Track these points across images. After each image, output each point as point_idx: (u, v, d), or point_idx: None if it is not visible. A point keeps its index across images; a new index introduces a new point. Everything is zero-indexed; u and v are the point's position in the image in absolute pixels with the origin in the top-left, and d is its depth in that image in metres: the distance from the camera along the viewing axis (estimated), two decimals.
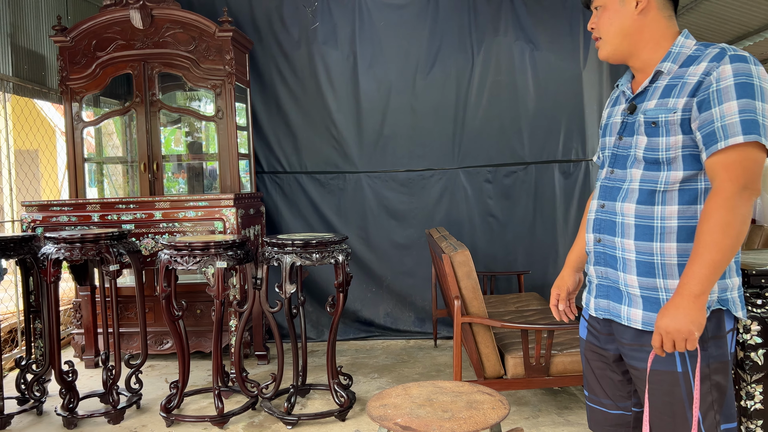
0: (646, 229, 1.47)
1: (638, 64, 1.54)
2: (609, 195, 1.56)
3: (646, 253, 1.47)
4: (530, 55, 4.82)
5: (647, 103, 1.48)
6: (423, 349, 4.63)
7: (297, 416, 3.19)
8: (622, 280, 1.52)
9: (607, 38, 1.54)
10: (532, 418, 3.23)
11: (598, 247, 1.59)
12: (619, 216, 1.52)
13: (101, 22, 4.32)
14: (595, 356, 1.67)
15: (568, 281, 1.84)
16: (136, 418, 3.35)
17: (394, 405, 1.98)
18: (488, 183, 4.92)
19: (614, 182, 1.56)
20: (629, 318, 1.51)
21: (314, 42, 4.87)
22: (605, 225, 1.56)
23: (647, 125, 1.46)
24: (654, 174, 1.46)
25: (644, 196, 1.47)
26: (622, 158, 1.55)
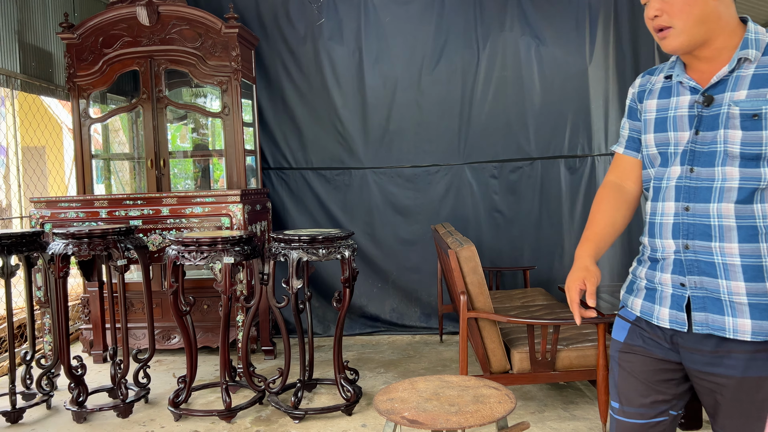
0: (750, 230, 1.34)
1: (708, 53, 1.39)
2: (694, 196, 1.40)
3: (753, 256, 1.34)
4: (536, 50, 4.81)
5: (733, 94, 1.35)
6: (429, 345, 4.65)
7: (304, 410, 3.21)
8: (724, 289, 1.37)
9: (685, 26, 1.36)
10: (537, 412, 3.24)
11: (688, 254, 1.41)
12: (714, 219, 1.37)
13: (108, 19, 4.34)
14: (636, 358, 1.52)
15: (596, 271, 1.59)
16: (145, 412, 3.38)
17: (401, 399, 1.99)
18: (494, 178, 4.92)
19: (699, 182, 1.39)
20: (736, 330, 1.35)
21: (320, 38, 4.88)
22: (695, 230, 1.40)
23: (745, 118, 1.32)
24: (755, 171, 1.33)
25: (744, 195, 1.34)
26: (703, 155, 1.39)
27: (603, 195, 1.66)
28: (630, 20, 4.82)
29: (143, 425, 3.21)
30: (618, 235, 1.66)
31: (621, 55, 4.84)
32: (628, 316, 1.57)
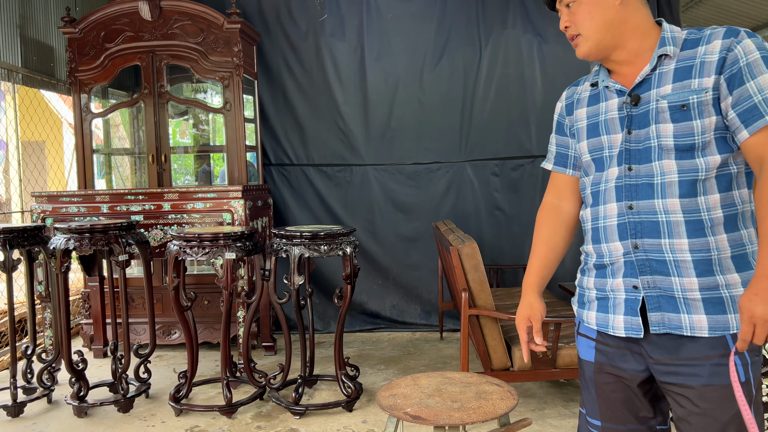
0: (697, 224, 1.33)
1: (624, 56, 1.43)
2: (636, 194, 1.39)
3: (702, 250, 1.33)
4: (538, 47, 4.81)
5: (659, 90, 1.37)
6: (429, 342, 4.65)
7: (304, 406, 3.22)
8: (677, 286, 1.35)
9: (589, 33, 1.42)
10: (538, 410, 3.24)
11: (638, 254, 1.39)
12: (661, 215, 1.36)
13: (110, 13, 4.33)
14: (611, 379, 1.48)
15: (539, 308, 1.63)
16: (146, 407, 3.38)
17: (404, 395, 1.99)
18: (495, 176, 4.92)
19: (638, 179, 1.39)
20: (693, 326, 1.34)
21: (322, 34, 4.87)
22: (642, 228, 1.38)
23: (674, 110, 1.34)
24: (691, 162, 1.34)
25: (686, 188, 1.34)
26: (639, 152, 1.40)
27: (541, 219, 1.69)
28: None
29: (144, 420, 3.22)
30: (560, 257, 1.68)
31: None
32: (589, 333, 1.53)
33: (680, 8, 4.94)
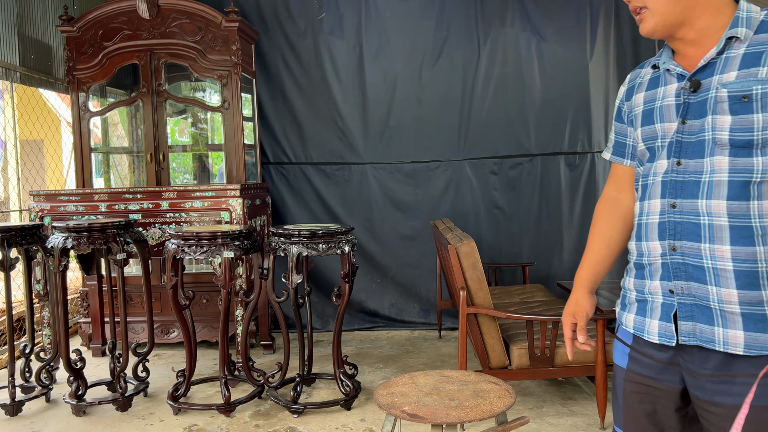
0: (744, 230, 1.19)
1: (691, 35, 1.28)
2: (681, 191, 1.26)
3: (747, 260, 1.19)
4: (537, 46, 4.81)
5: (722, 76, 1.23)
6: (427, 340, 4.65)
7: (303, 405, 3.22)
8: (714, 296, 1.22)
9: (656, 6, 1.26)
10: (536, 408, 3.25)
11: (674, 257, 1.28)
12: (703, 217, 1.23)
13: (108, 12, 4.32)
14: (640, 389, 1.38)
15: (586, 305, 1.53)
16: (144, 406, 3.38)
17: (402, 393, 2.00)
18: (494, 175, 4.92)
19: (685, 175, 1.26)
20: (726, 342, 1.21)
21: (320, 33, 4.87)
22: (683, 229, 1.26)
23: (734, 100, 1.20)
24: (746, 161, 1.19)
25: (736, 190, 1.20)
26: (691, 145, 1.26)
27: (597, 213, 1.58)
28: (631, 17, 4.78)
29: (142, 419, 3.22)
30: (617, 254, 1.56)
31: (622, 52, 4.83)
32: (626, 338, 1.43)
33: None
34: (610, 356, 3.00)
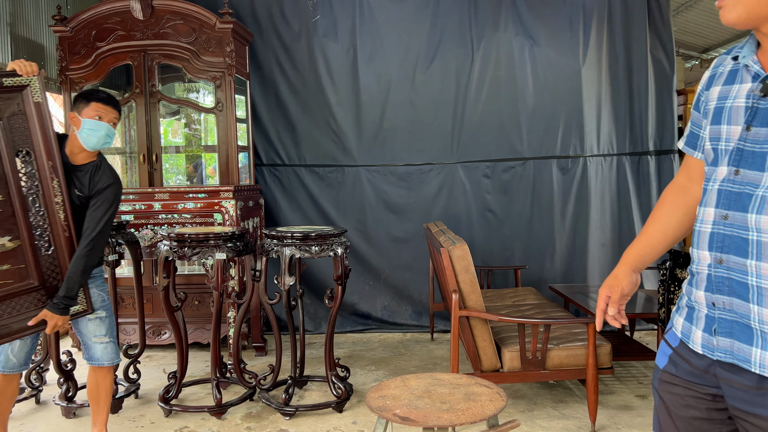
0: None
1: None
2: (735, 203, 1.19)
3: None
4: (530, 50, 4.83)
5: None
6: (420, 343, 4.66)
7: (294, 407, 3.22)
8: (755, 315, 1.16)
9: None
10: (527, 411, 3.26)
11: (719, 270, 1.22)
12: (752, 232, 1.16)
13: (101, 12, 4.31)
14: (676, 389, 1.33)
15: (624, 281, 1.47)
16: (135, 408, 3.37)
17: (393, 396, 2.00)
18: (486, 178, 4.94)
19: (742, 186, 1.18)
20: (763, 364, 1.15)
21: (314, 35, 4.87)
22: (731, 242, 1.19)
23: None
24: None
25: None
26: (752, 155, 1.17)
27: (663, 197, 1.50)
28: (623, 22, 4.84)
29: (133, 421, 3.20)
30: (672, 241, 1.49)
31: (614, 57, 4.87)
32: (672, 340, 1.37)
33: (671, 12, 4.98)
34: (601, 359, 3.02)
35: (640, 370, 3.90)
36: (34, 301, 2.44)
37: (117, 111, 2.63)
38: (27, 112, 2.39)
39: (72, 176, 2.54)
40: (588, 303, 3.70)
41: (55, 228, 2.44)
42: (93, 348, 2.68)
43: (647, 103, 4.87)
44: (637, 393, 3.50)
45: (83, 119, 2.54)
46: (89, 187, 2.56)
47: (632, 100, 4.89)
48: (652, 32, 4.86)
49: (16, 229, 2.38)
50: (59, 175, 2.43)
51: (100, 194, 2.55)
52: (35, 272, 2.43)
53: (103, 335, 2.68)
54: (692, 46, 7.40)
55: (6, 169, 2.35)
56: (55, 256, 2.46)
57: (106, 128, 2.57)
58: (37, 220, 2.41)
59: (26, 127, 2.38)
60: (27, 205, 2.39)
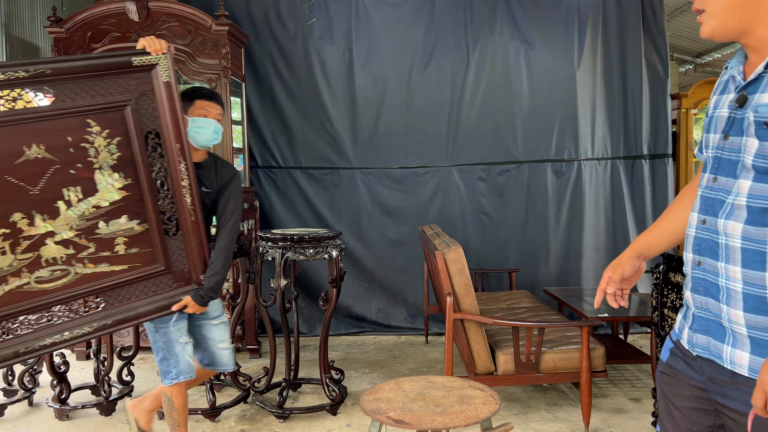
0: (756, 255, 1.17)
1: (753, 43, 1.21)
2: (710, 208, 1.25)
3: (756, 285, 1.17)
4: (525, 54, 4.85)
5: (761, 96, 1.16)
6: (414, 345, 4.66)
7: (289, 410, 3.21)
8: (725, 315, 1.22)
9: (713, 11, 1.21)
10: (521, 414, 3.26)
11: (697, 271, 1.29)
12: (722, 236, 1.22)
13: (97, 13, 4.30)
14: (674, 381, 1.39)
15: (626, 264, 1.49)
16: None
17: (387, 399, 2.00)
18: (481, 181, 4.95)
19: (717, 193, 1.25)
20: (733, 361, 1.22)
21: (310, 37, 4.88)
22: (706, 245, 1.26)
23: (758, 126, 1.15)
24: (766, 187, 1.16)
25: (754, 215, 1.17)
26: (727, 163, 1.23)
27: (680, 194, 1.53)
28: (618, 26, 4.87)
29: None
30: (680, 236, 1.50)
31: (608, 61, 4.89)
32: (674, 335, 1.43)
33: (665, 16, 5.01)
34: (595, 363, 3.03)
35: (634, 373, 3.91)
36: (161, 285, 2.40)
37: (221, 106, 2.61)
38: (156, 92, 2.33)
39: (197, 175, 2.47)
40: (582, 306, 3.71)
41: (181, 212, 2.38)
42: (217, 354, 2.63)
43: (641, 107, 4.89)
44: (631, 396, 3.51)
45: (189, 118, 2.51)
46: (216, 182, 2.56)
47: (626, 104, 4.92)
48: (647, 36, 4.89)
49: (145, 212, 2.34)
50: (187, 158, 2.36)
51: (228, 185, 2.56)
52: (162, 256, 2.39)
53: (227, 340, 2.65)
54: (686, 50, 7.44)
55: (135, 151, 2.30)
56: (182, 240, 2.41)
57: (213, 124, 2.55)
58: (164, 204, 2.36)
59: (155, 108, 2.33)
60: (155, 188, 2.35)
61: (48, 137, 2.20)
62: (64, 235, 2.25)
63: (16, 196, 2.17)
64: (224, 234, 2.50)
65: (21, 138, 2.16)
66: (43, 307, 2.24)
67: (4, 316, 2.19)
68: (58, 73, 2.18)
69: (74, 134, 2.23)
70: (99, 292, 2.31)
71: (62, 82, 2.20)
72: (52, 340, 2.24)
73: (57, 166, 2.22)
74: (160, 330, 2.49)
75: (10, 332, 2.20)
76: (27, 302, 2.22)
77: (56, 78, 2.18)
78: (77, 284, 2.28)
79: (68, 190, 2.25)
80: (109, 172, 2.29)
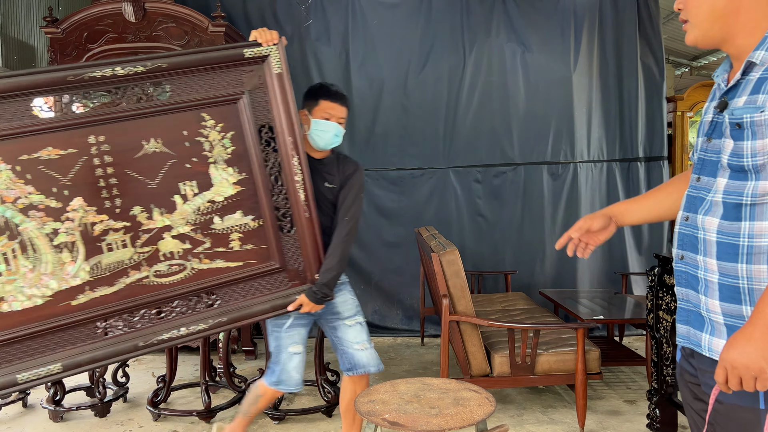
0: (729, 247, 1.25)
1: (733, 51, 1.29)
2: (692, 206, 1.35)
3: (730, 275, 1.25)
4: (521, 56, 4.86)
5: (737, 100, 1.25)
6: (410, 347, 4.66)
7: (284, 411, 3.21)
8: (703, 305, 1.31)
9: (696, 21, 1.29)
10: (516, 416, 3.27)
11: (680, 265, 1.37)
12: (701, 231, 1.31)
13: (93, 14, 4.29)
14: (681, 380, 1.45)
15: (597, 218, 1.58)
16: (123, 412, 3.35)
17: (382, 401, 2.00)
18: (477, 183, 4.96)
19: (699, 191, 1.33)
20: (710, 348, 1.29)
21: (307, 39, 4.88)
22: (688, 240, 1.35)
23: (732, 127, 1.24)
24: (739, 184, 1.24)
25: (729, 211, 1.25)
26: (709, 164, 1.32)
27: (673, 179, 1.61)
28: (614, 29, 4.88)
29: (121, 425, 3.19)
30: (657, 214, 1.59)
31: (605, 64, 4.90)
32: None
33: (660, 19, 5.03)
34: (590, 365, 3.03)
35: (629, 375, 3.92)
36: (276, 284, 2.35)
37: (346, 107, 2.50)
38: (268, 84, 2.31)
39: (317, 170, 2.43)
40: (578, 308, 3.72)
41: (295, 208, 2.33)
42: (356, 355, 2.50)
43: (637, 109, 4.91)
44: (626, 398, 3.52)
45: (313, 119, 2.43)
46: (339, 177, 2.47)
47: (622, 106, 4.93)
48: (643, 39, 4.91)
49: (259, 208, 2.31)
50: (300, 152, 2.31)
51: (350, 179, 2.48)
52: (277, 254, 2.34)
53: (365, 341, 2.55)
54: (682, 53, 7.47)
55: (249, 145, 2.28)
56: (296, 238, 2.35)
57: (335, 128, 2.44)
58: (279, 200, 2.32)
59: (267, 101, 2.31)
60: (269, 183, 2.31)
61: (165, 131, 2.21)
62: (181, 230, 2.25)
63: (136, 190, 2.19)
64: (341, 228, 2.41)
65: (140, 132, 2.18)
66: (162, 301, 2.23)
67: (125, 309, 2.19)
68: (174, 67, 2.19)
69: (189, 128, 2.23)
70: (215, 289, 2.29)
71: (177, 77, 2.21)
72: (170, 335, 2.22)
73: (173, 160, 2.22)
74: (273, 333, 2.44)
75: (131, 325, 2.20)
76: (147, 296, 2.22)
77: (172, 72, 2.19)
78: (193, 279, 2.26)
79: (184, 184, 2.24)
80: (223, 166, 2.27)
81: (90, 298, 2.18)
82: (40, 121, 2.11)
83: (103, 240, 2.17)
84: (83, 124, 2.15)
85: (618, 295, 4.20)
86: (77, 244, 2.15)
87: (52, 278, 2.14)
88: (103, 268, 2.18)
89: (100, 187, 2.17)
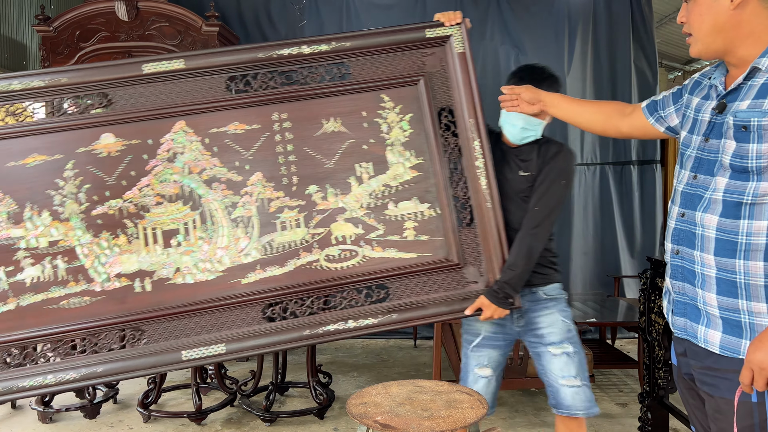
0: (727, 244, 1.31)
1: (735, 61, 1.37)
2: (690, 203, 1.40)
3: (727, 270, 1.32)
4: (516, 59, 4.86)
5: (739, 103, 1.32)
6: (403, 349, 4.65)
7: (275, 413, 3.19)
8: (700, 298, 1.37)
9: (699, 35, 1.37)
10: (509, 418, 3.26)
11: (675, 259, 1.44)
12: (698, 227, 1.37)
13: (86, 12, 4.27)
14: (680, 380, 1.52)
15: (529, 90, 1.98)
16: (113, 413, 3.32)
17: (374, 403, 1.99)
18: None
19: (696, 189, 1.39)
20: (706, 339, 1.36)
21: None
22: (684, 236, 1.41)
23: (737, 129, 1.30)
24: (741, 184, 1.30)
25: (728, 209, 1.31)
26: (707, 163, 1.38)
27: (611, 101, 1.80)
28: (608, 33, 4.90)
29: (111, 426, 3.16)
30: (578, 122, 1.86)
31: (598, 67, 4.92)
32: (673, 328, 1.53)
33: (654, 23, 5.05)
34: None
35: (621, 378, 3.92)
36: (452, 283, 2.14)
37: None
38: (450, 65, 2.25)
39: (510, 158, 2.16)
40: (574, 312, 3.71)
41: (476, 197, 2.14)
42: (561, 391, 2.12)
43: None
44: (618, 401, 3.52)
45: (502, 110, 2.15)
46: (538, 163, 2.12)
47: None
48: (636, 43, 4.92)
49: (436, 196, 2.15)
50: (482, 136, 2.14)
51: (548, 163, 2.10)
52: (455, 248, 2.13)
53: (572, 376, 2.12)
54: (675, 57, 7.50)
55: (427, 128, 2.18)
56: (476, 233, 2.14)
57: (524, 121, 2.11)
58: (458, 189, 2.16)
59: (448, 84, 2.23)
60: (448, 170, 2.16)
61: (344, 111, 2.17)
62: (354, 213, 2.15)
63: (313, 169, 2.14)
64: (529, 219, 2.06)
65: (320, 110, 2.16)
66: (331, 288, 2.11)
67: (294, 293, 2.08)
68: (357, 48, 2.18)
69: (368, 109, 2.18)
70: (386, 281, 2.13)
71: (358, 57, 2.19)
72: (336, 327, 2.07)
73: (351, 140, 2.17)
74: (463, 348, 2.22)
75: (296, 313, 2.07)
76: (316, 282, 2.10)
77: (354, 52, 2.18)
78: (363, 267, 2.12)
79: (360, 165, 2.17)
80: (400, 149, 2.18)
81: (260, 277, 2.09)
82: (230, 96, 2.11)
83: (278, 218, 2.11)
84: (270, 101, 2.13)
85: (610, 298, 4.21)
86: (253, 219, 2.10)
87: (226, 253, 2.08)
88: (275, 247, 2.10)
89: (279, 163, 2.13)
